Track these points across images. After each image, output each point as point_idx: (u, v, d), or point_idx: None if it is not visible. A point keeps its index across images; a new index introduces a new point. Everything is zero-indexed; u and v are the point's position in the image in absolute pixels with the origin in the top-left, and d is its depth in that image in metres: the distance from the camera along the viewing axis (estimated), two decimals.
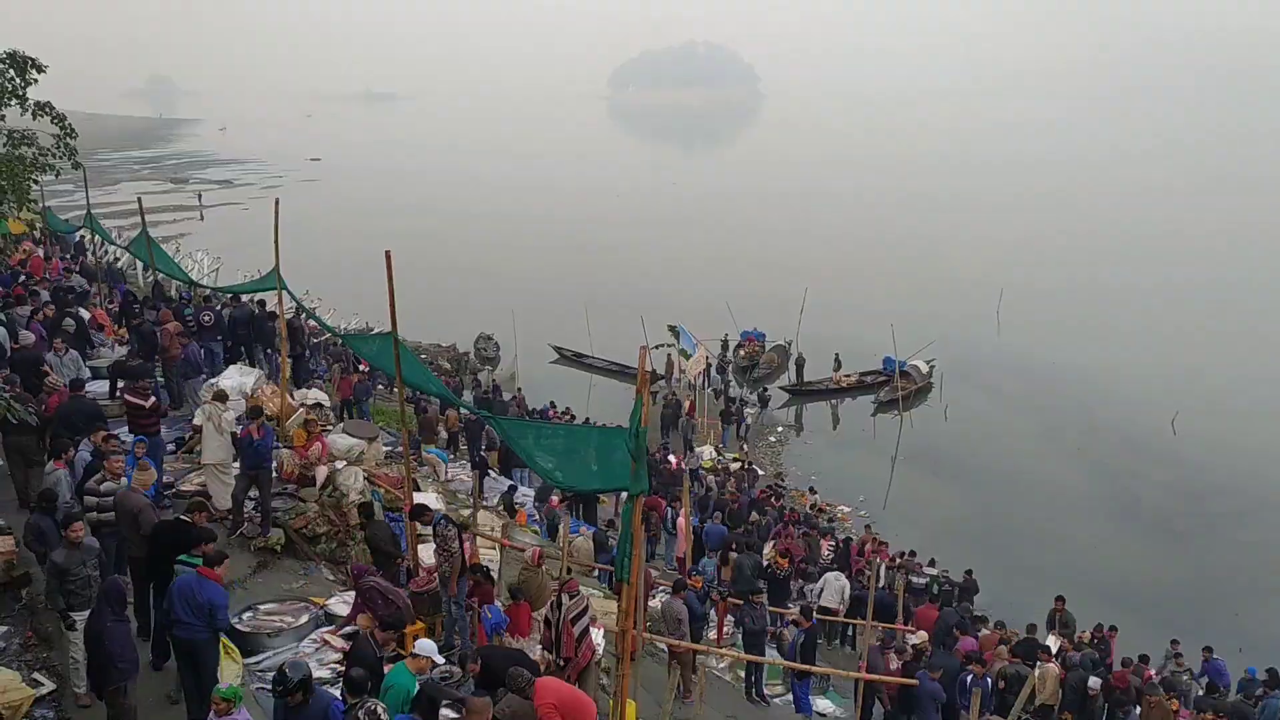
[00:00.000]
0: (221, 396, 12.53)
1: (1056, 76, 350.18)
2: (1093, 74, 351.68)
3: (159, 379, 15.27)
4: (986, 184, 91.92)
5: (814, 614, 14.22)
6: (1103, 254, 57.64)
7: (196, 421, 11.84)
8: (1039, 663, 13.29)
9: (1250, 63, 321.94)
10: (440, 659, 7.73)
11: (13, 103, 18.71)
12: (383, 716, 6.80)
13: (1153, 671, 15.42)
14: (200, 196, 76.77)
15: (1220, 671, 15.65)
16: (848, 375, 34.62)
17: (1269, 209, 74.07)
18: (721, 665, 14.59)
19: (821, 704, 14.10)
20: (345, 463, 13.33)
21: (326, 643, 9.82)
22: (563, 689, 8.00)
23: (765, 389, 34.11)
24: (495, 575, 12.26)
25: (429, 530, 10.54)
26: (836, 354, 34.82)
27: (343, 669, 8.68)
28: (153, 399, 12.48)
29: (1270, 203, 77.46)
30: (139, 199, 21.98)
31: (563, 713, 7.63)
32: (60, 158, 19.17)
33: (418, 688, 7.69)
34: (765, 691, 14.03)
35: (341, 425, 15.74)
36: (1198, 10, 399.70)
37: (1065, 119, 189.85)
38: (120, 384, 14.18)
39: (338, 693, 7.35)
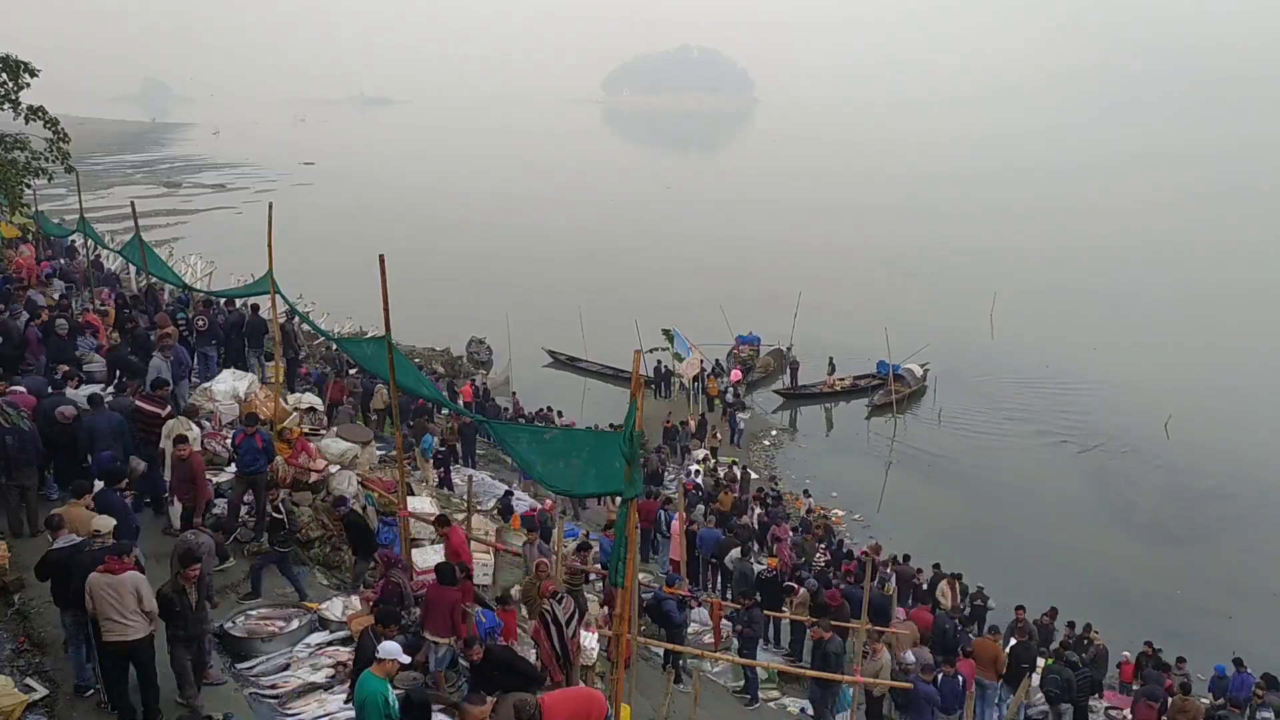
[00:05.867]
0: (191, 412, 12.38)
1: (1051, 87, 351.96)
2: (1087, 84, 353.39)
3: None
4: (980, 191, 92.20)
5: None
6: (1095, 259, 57.86)
7: (161, 444, 11.56)
8: None
9: (1245, 71, 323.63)
10: (405, 658, 7.50)
11: (5, 107, 18.67)
12: None
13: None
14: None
15: (1239, 684, 15.50)
16: (842, 379, 34.65)
17: (1261, 217, 74.41)
18: (717, 669, 14.57)
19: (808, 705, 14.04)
20: (339, 467, 13.30)
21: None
22: (570, 700, 7.78)
23: (735, 386, 33.96)
24: (490, 579, 12.26)
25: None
26: (831, 358, 34.86)
27: (335, 673, 8.67)
28: (169, 408, 12.38)
29: (1262, 211, 77.82)
30: (132, 203, 21.81)
31: None
32: (53, 162, 19.13)
33: (404, 695, 7.50)
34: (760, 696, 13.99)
35: (335, 429, 15.71)
36: (1192, 18, 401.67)
37: (1058, 128, 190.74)
38: (124, 381, 14.11)
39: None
